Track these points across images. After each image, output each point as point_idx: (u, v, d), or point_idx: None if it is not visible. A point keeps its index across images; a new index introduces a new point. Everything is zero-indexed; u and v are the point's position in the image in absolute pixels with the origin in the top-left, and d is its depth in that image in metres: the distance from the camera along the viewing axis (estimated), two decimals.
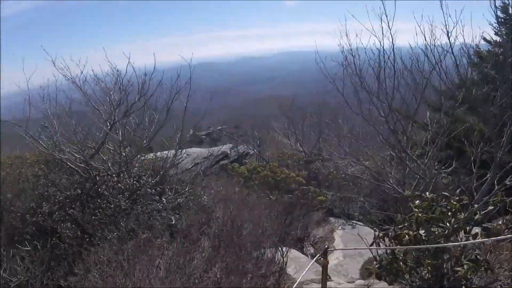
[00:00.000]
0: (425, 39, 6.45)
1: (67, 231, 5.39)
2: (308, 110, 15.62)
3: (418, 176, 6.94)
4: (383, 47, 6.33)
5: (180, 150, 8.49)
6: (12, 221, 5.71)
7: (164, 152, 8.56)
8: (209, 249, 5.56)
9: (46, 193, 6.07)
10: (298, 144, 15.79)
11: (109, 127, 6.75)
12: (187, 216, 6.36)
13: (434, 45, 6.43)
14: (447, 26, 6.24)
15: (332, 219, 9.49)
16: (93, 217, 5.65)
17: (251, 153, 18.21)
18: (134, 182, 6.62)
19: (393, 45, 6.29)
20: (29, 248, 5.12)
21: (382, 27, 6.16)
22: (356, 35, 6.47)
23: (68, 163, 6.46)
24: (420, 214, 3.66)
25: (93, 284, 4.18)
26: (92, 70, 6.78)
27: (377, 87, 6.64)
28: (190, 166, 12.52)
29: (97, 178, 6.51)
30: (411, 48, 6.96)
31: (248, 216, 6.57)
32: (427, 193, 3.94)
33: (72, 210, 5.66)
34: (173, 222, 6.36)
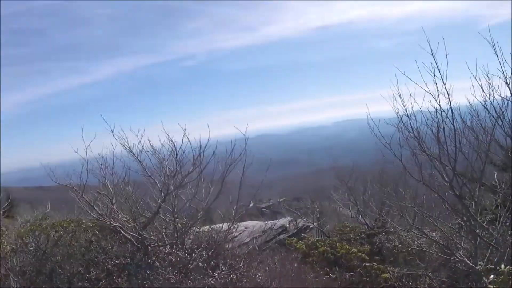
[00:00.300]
0: (483, 91, 5.80)
1: None
2: (368, 180, 14.93)
3: (491, 246, 6.05)
4: (439, 105, 5.82)
5: (235, 223, 8.32)
6: (59, 282, 5.75)
7: (220, 225, 8.43)
8: None
9: (96, 259, 6.12)
10: (360, 216, 14.98)
11: (163, 197, 6.81)
12: None
13: (493, 96, 5.75)
14: (505, 73, 5.56)
15: None
16: None
17: (310, 226, 17.53)
18: (186, 255, 6.47)
19: (450, 101, 5.75)
20: None
21: (436, 83, 5.73)
22: (410, 95, 6.05)
23: (121, 231, 6.51)
24: None
25: None
26: (149, 140, 6.99)
27: (437, 149, 6.07)
28: (247, 240, 12.24)
29: (149, 248, 6.46)
30: (469, 103, 6.35)
31: None
32: (502, 265, 3.42)
33: (119, 279, 5.57)
34: None
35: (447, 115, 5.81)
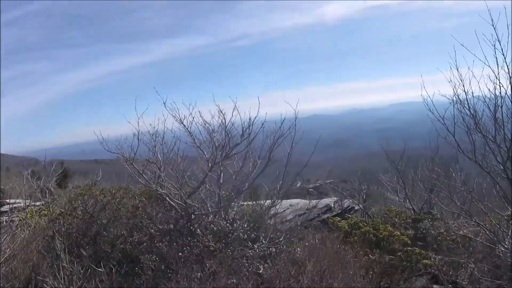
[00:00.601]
0: None
1: (150, 262, 5.57)
2: (419, 163, 14.39)
3: None
4: (498, 80, 5.42)
5: (279, 199, 8.43)
6: (102, 244, 6.10)
7: (265, 200, 8.57)
8: None
9: (140, 224, 6.44)
10: (408, 200, 14.54)
11: (210, 167, 7.03)
12: (276, 267, 6.17)
13: None
14: None
15: (436, 287, 8.29)
16: (180, 254, 5.78)
17: (356, 208, 17.32)
18: (228, 225, 6.69)
19: (510, 77, 5.36)
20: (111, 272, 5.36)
21: (496, 57, 5.33)
22: (468, 69, 5.64)
23: (167, 198, 6.82)
24: None
25: None
26: (199, 111, 7.16)
27: (493, 130, 5.69)
28: (291, 217, 12.36)
29: (192, 216, 6.74)
30: None
31: (342, 275, 6.10)
32: None
33: (160, 243, 5.86)
34: (261, 271, 6.22)
35: (506, 91, 5.42)
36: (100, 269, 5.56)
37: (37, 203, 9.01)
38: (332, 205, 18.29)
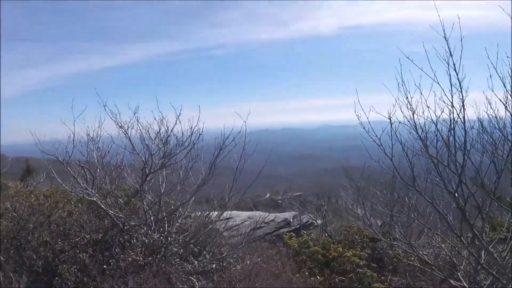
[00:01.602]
0: (505, 87, 4.88)
1: (68, 273, 5.03)
2: (379, 183, 14.20)
3: (492, 273, 5.33)
4: (451, 101, 5.01)
5: (227, 211, 8.00)
6: (27, 250, 5.61)
7: (212, 212, 8.11)
8: None
9: (68, 231, 5.92)
10: (366, 219, 14.31)
11: (146, 175, 6.51)
12: (209, 285, 5.68)
13: None
14: None
15: None
16: (104, 266, 5.25)
17: (315, 224, 17.01)
18: (161, 238, 6.15)
19: (463, 97, 4.99)
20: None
21: (449, 74, 4.96)
22: (415, 85, 5.15)
23: (103, 206, 6.26)
24: None
25: None
26: (137, 117, 6.66)
27: (448, 155, 5.31)
28: (247, 230, 11.90)
29: (125, 227, 6.17)
30: (488, 100, 5.21)
31: None
32: None
33: (84, 254, 5.32)
34: None
35: (458, 114, 5.06)
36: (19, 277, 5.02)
37: None
38: (291, 220, 17.92)
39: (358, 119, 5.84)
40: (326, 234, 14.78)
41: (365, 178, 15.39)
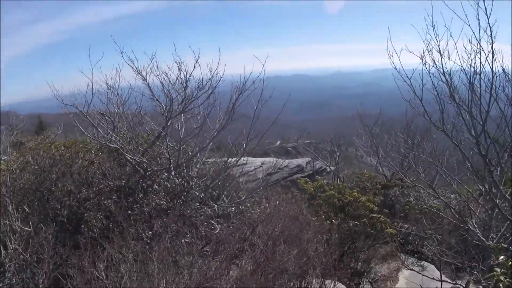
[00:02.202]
0: None
1: (94, 220, 5.20)
2: (393, 130, 14.15)
3: (508, 221, 5.46)
4: (479, 43, 4.89)
5: (243, 157, 8.09)
6: (51, 201, 5.70)
7: (231, 157, 8.22)
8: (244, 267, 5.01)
9: (91, 179, 6.03)
10: (380, 166, 14.44)
11: (166, 120, 6.54)
12: (230, 228, 5.90)
13: None
14: None
15: (401, 255, 8.22)
16: (129, 212, 5.41)
17: (327, 170, 17.27)
18: (183, 182, 6.30)
19: (492, 40, 4.82)
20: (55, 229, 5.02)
21: (478, 19, 4.77)
22: (446, 27, 5.08)
23: (125, 153, 6.36)
24: (502, 278, 2.70)
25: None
26: (156, 62, 6.54)
27: (469, 99, 5.21)
28: (263, 176, 12.13)
29: (146, 173, 6.31)
30: None
31: (298, 239, 5.86)
32: None
33: (109, 200, 5.46)
34: (217, 231, 5.93)
35: (486, 57, 4.90)
36: (46, 227, 5.18)
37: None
38: (304, 166, 18.23)
39: (390, 58, 5.68)
40: (339, 180, 15.05)
41: (379, 125, 15.41)
